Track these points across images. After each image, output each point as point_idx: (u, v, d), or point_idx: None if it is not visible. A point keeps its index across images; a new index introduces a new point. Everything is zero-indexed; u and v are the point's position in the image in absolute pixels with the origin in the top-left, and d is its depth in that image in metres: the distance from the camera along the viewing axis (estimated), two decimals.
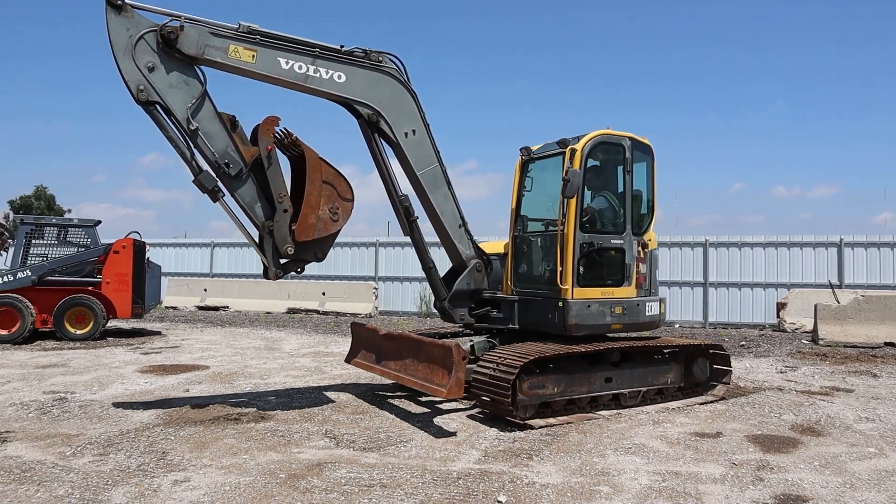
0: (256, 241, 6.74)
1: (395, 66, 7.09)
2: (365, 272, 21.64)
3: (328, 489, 4.79)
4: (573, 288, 7.05)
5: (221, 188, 6.46)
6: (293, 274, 7.07)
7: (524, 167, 8.06)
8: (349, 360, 8.51)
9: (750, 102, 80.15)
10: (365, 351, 8.22)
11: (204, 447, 5.79)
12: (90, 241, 14.11)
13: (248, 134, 6.72)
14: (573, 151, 7.16)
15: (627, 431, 6.52)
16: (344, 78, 6.79)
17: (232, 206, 6.59)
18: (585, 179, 7.27)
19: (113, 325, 15.46)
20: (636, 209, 7.64)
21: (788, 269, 17.73)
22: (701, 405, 7.68)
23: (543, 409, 6.89)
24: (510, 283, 7.89)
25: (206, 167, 6.42)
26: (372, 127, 7.03)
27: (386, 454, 5.71)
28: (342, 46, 6.81)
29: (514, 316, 7.67)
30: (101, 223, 14.42)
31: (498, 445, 6.00)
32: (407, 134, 7.14)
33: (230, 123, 6.47)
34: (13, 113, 77.83)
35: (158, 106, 6.18)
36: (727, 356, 8.23)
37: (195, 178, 6.37)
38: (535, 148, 7.95)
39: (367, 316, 19.70)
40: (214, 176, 6.39)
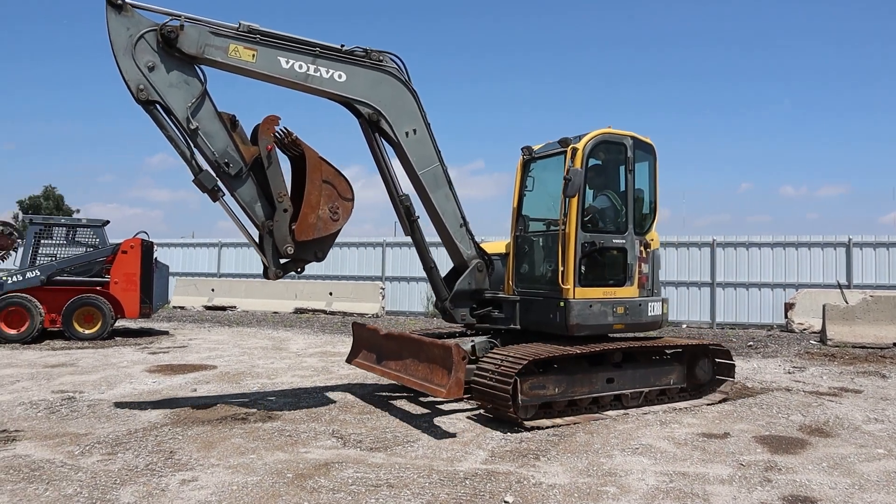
0: (256, 240, 6.75)
1: (395, 65, 7.08)
2: (372, 272, 21.67)
3: (335, 489, 4.79)
4: (574, 288, 7.00)
5: (221, 188, 6.47)
6: (300, 274, 7.08)
7: (525, 167, 8.02)
8: (350, 360, 8.50)
9: (757, 102, 79.58)
10: (366, 351, 8.21)
11: (211, 447, 5.81)
12: (98, 241, 14.21)
13: (248, 133, 6.73)
14: (574, 150, 7.12)
15: (634, 432, 6.49)
16: (344, 77, 6.78)
17: (232, 205, 6.60)
18: (587, 179, 7.23)
19: (121, 324, 15.54)
20: (638, 209, 7.60)
21: (796, 269, 17.61)
22: (708, 406, 7.63)
23: (544, 409, 6.85)
24: (511, 283, 7.85)
25: (206, 167, 6.43)
26: (373, 126, 7.02)
27: (393, 454, 5.71)
28: (343, 46, 6.81)
29: (515, 316, 7.63)
30: (109, 223, 14.52)
31: (504, 446, 5.99)
32: (408, 133, 7.12)
33: (230, 123, 6.48)
34: (21, 113, 78.58)
35: (158, 105, 6.20)
36: (730, 357, 8.15)
37: (195, 177, 6.39)
38: (536, 147, 7.91)
39: (374, 316, 19.72)
40: (214, 175, 6.40)
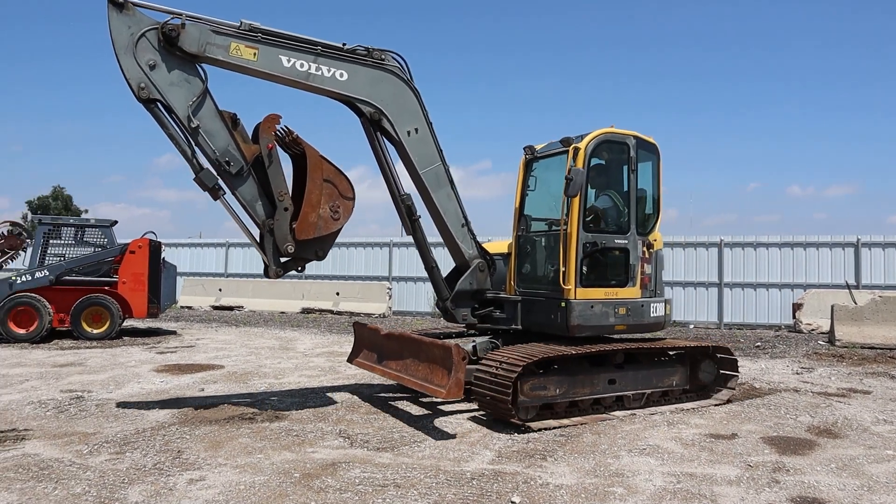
0: (257, 239, 6.76)
1: (397, 64, 7.04)
2: (379, 272, 21.71)
3: (342, 489, 4.79)
4: (576, 288, 6.95)
5: (222, 186, 6.47)
6: (301, 273, 7.07)
7: (528, 166, 7.98)
8: (351, 359, 8.48)
9: (765, 102, 79.13)
10: (367, 351, 8.18)
11: (219, 446, 5.82)
12: (107, 241, 14.29)
13: (249, 132, 6.74)
14: (576, 150, 7.07)
15: (641, 432, 6.45)
16: (346, 76, 6.77)
17: (233, 204, 6.60)
18: (589, 178, 7.17)
19: (129, 324, 15.65)
20: (641, 209, 7.54)
21: (804, 269, 17.52)
22: (716, 406, 7.57)
23: (545, 411, 6.81)
24: (513, 283, 7.81)
25: (207, 165, 6.43)
26: (374, 125, 7.00)
27: (400, 454, 5.70)
28: (344, 44, 6.79)
29: (517, 316, 7.59)
30: (117, 223, 14.60)
31: (511, 446, 5.97)
32: (409, 132, 7.09)
33: (231, 121, 6.49)
34: (28, 113, 79.25)
35: (159, 104, 6.20)
36: (734, 359, 8.08)
37: (196, 175, 6.39)
38: (538, 147, 7.87)
39: (381, 316, 19.73)
40: (215, 174, 6.40)
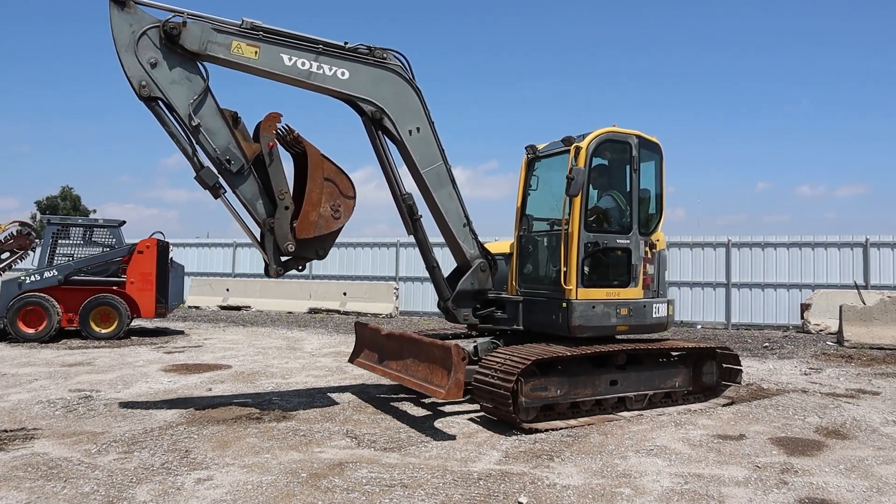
0: (258, 238, 6.76)
1: (399, 62, 7.03)
2: (386, 272, 21.68)
3: (349, 489, 4.79)
4: (577, 288, 6.90)
5: (223, 184, 6.48)
6: (315, 274, 7.08)
7: (530, 166, 7.94)
8: (352, 359, 8.47)
9: (775, 101, 78.46)
10: (368, 351, 8.16)
11: (226, 446, 5.83)
12: (115, 241, 14.39)
13: (250, 131, 6.74)
14: (578, 149, 7.03)
15: (649, 433, 6.41)
16: (347, 75, 6.76)
17: (234, 202, 6.60)
18: (591, 178, 7.12)
19: (137, 324, 15.71)
20: (643, 208, 7.48)
21: (813, 269, 17.37)
22: (723, 407, 7.51)
23: (546, 412, 6.76)
24: (515, 283, 7.77)
25: (208, 163, 6.45)
26: (375, 124, 6.99)
27: (407, 454, 5.69)
28: (346, 43, 6.79)
29: (518, 317, 7.55)
30: (125, 223, 14.74)
31: (518, 446, 5.95)
32: (411, 132, 7.07)
33: (232, 120, 6.49)
34: (35, 114, 79.98)
35: (161, 102, 6.23)
36: (737, 360, 8.00)
37: (197, 174, 6.40)
38: (540, 146, 7.83)
39: (388, 316, 19.73)
40: (216, 172, 6.41)
